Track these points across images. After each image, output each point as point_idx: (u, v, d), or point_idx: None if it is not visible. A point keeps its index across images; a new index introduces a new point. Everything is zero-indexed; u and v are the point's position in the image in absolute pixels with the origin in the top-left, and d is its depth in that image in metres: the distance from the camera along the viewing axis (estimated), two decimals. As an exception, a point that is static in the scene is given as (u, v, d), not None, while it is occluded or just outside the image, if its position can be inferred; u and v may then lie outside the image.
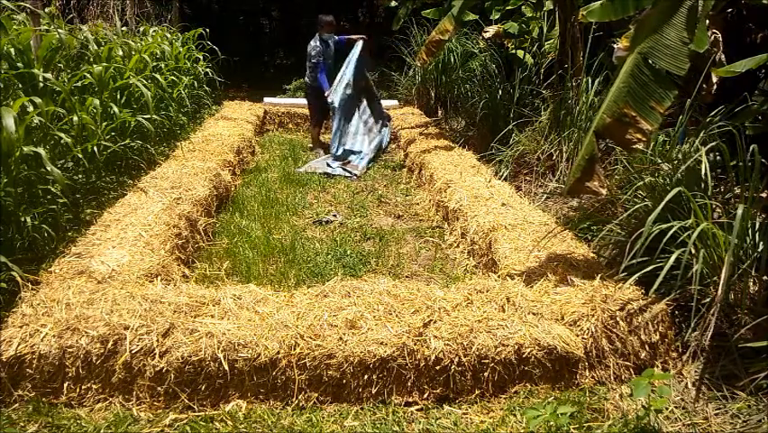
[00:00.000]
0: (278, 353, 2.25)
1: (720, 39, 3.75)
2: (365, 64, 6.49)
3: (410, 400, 2.31)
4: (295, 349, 2.26)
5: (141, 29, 6.65)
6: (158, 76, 5.42)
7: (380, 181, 5.68)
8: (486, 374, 2.35)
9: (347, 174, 5.75)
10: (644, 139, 2.48)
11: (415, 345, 2.31)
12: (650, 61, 2.47)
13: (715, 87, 3.85)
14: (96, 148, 3.80)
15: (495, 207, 3.86)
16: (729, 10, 3.86)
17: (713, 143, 2.84)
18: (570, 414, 2.12)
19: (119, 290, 2.52)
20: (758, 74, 3.89)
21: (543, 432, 2.07)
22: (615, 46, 3.44)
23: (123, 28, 6.27)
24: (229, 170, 5.04)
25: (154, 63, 5.68)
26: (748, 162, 2.59)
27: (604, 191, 2.57)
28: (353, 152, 6.26)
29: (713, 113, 3.31)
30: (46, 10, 4.36)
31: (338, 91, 6.11)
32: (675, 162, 2.98)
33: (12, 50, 3.57)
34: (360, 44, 6.33)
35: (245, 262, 3.56)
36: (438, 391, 2.33)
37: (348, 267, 3.62)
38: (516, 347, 2.36)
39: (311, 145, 6.83)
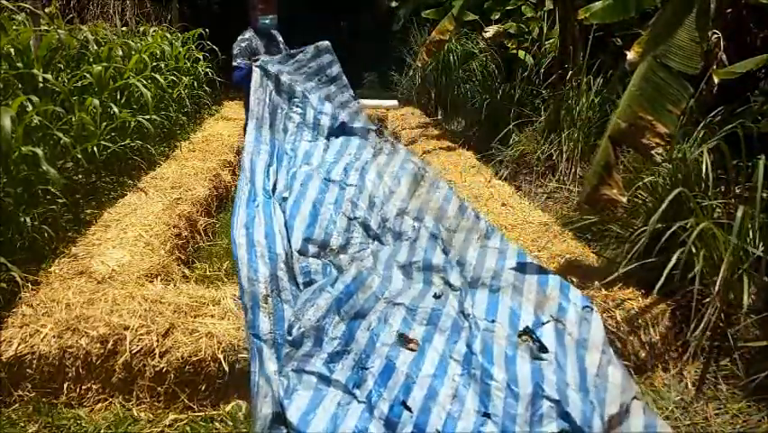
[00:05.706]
0: (279, 353, 2.24)
1: (721, 38, 3.74)
2: None
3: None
4: (295, 349, 2.26)
5: (141, 29, 6.64)
6: (158, 76, 5.40)
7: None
8: (486, 374, 2.34)
9: None
10: (662, 143, 2.39)
11: (415, 345, 2.31)
12: (663, 63, 2.42)
13: (716, 87, 3.85)
14: (95, 148, 3.79)
15: (495, 208, 3.85)
16: (729, 10, 3.85)
17: (714, 143, 2.84)
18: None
19: (119, 290, 2.52)
20: (758, 74, 3.89)
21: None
22: (627, 53, 3.44)
23: (123, 28, 6.27)
24: (229, 170, 5.03)
25: (154, 63, 5.67)
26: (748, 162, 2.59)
27: (624, 199, 2.46)
28: None
29: (713, 113, 3.31)
30: (46, 10, 4.35)
31: None
32: (675, 162, 2.98)
33: (12, 50, 3.56)
34: None
35: (245, 263, 3.55)
36: (438, 391, 2.32)
37: (348, 267, 3.61)
38: (517, 347, 2.35)
39: None
